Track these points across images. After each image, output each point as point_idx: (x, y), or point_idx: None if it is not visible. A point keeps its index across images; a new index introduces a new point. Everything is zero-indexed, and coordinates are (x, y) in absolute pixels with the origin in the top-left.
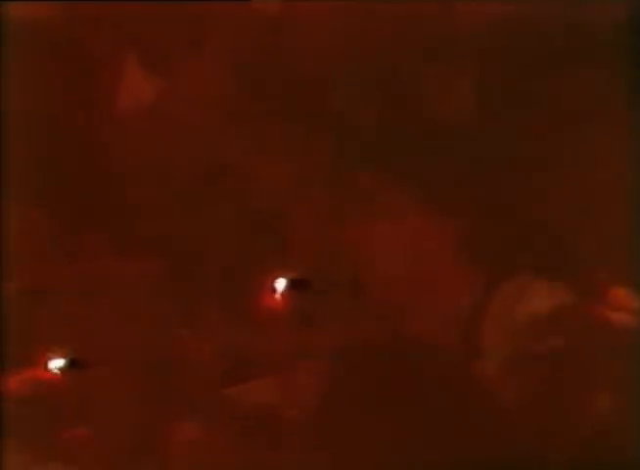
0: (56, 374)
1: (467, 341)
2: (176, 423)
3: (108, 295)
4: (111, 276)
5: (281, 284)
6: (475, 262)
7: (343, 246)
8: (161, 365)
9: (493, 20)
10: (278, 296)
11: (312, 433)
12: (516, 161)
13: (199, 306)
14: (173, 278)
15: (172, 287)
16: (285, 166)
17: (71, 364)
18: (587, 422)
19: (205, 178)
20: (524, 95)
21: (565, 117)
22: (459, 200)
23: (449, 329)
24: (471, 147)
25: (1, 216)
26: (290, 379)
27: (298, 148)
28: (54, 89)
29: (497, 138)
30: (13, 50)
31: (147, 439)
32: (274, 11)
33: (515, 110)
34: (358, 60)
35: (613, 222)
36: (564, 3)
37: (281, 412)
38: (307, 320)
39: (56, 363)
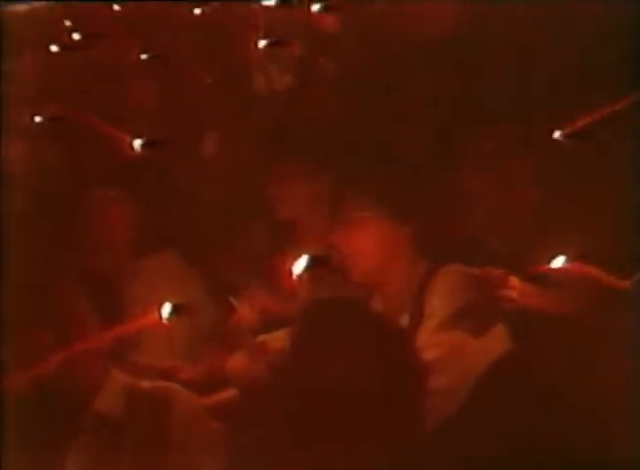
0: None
1: (413, 310)
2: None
3: None
4: None
5: (298, 267)
6: (419, 254)
7: (335, 244)
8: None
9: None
10: (295, 276)
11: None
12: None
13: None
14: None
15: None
16: (296, 190)
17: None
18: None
19: (242, 199)
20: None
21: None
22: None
23: (400, 302)
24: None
25: None
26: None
27: (305, 177)
28: None
29: (445, 166)
30: None
31: None
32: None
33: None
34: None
35: (522, 226)
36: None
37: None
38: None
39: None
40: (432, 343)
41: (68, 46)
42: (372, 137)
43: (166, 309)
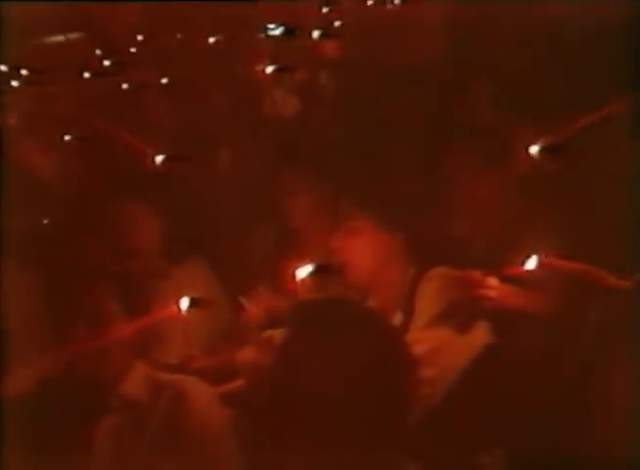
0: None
1: (404, 309)
2: None
3: None
4: None
5: (301, 272)
6: (409, 260)
7: (334, 250)
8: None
9: None
10: (298, 280)
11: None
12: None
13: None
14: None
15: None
16: (300, 202)
17: None
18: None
19: (252, 209)
20: None
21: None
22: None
23: (393, 302)
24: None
25: None
26: None
27: (308, 191)
28: None
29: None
30: None
31: None
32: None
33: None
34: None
35: (500, 233)
36: None
37: None
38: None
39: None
40: (421, 338)
41: (98, 72)
42: (366, 154)
43: (185, 303)
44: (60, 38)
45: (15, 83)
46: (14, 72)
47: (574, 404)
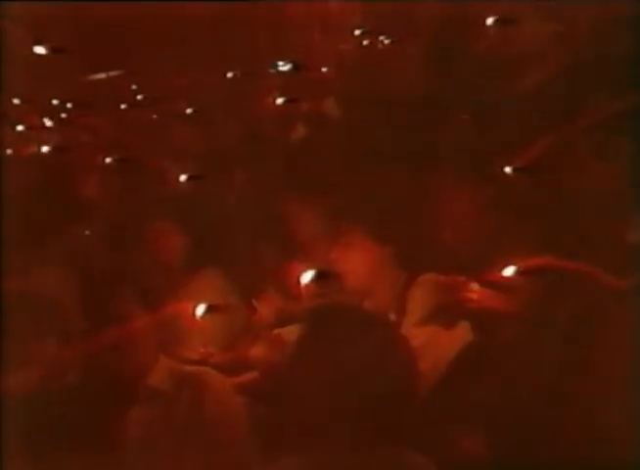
0: None
1: (397, 310)
2: None
3: None
4: None
5: (305, 278)
6: (400, 267)
7: (334, 260)
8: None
9: None
10: (303, 285)
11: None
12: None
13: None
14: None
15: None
16: (304, 217)
17: None
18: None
19: (263, 223)
20: None
21: None
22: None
23: (386, 304)
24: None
25: None
26: None
27: (312, 208)
28: None
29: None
30: None
31: None
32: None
33: None
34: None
35: (479, 244)
36: None
37: None
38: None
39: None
40: (412, 335)
41: (133, 104)
42: (362, 175)
43: (200, 309)
44: (102, 75)
45: (63, 115)
46: (63, 105)
47: (549, 394)
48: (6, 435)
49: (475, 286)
